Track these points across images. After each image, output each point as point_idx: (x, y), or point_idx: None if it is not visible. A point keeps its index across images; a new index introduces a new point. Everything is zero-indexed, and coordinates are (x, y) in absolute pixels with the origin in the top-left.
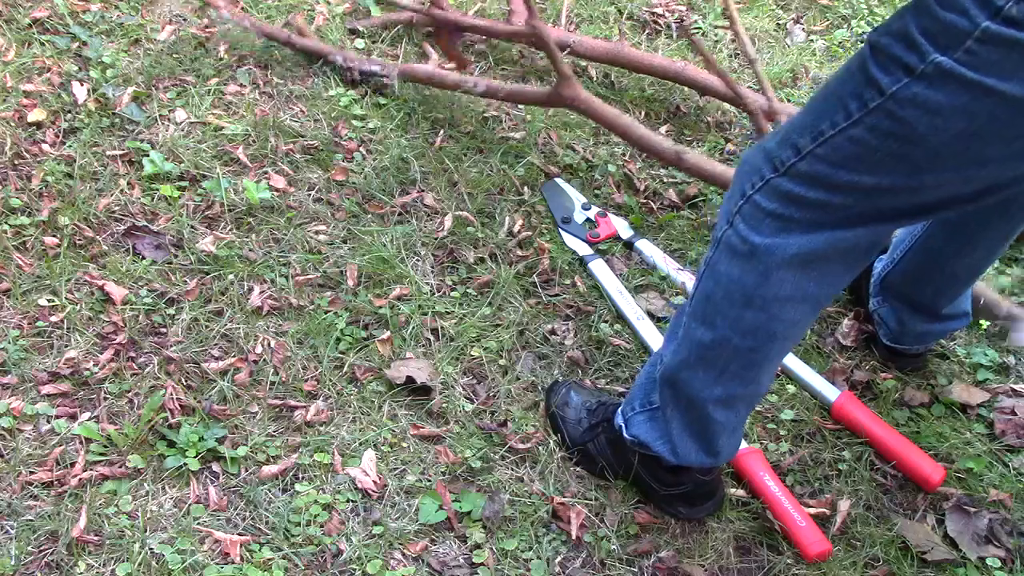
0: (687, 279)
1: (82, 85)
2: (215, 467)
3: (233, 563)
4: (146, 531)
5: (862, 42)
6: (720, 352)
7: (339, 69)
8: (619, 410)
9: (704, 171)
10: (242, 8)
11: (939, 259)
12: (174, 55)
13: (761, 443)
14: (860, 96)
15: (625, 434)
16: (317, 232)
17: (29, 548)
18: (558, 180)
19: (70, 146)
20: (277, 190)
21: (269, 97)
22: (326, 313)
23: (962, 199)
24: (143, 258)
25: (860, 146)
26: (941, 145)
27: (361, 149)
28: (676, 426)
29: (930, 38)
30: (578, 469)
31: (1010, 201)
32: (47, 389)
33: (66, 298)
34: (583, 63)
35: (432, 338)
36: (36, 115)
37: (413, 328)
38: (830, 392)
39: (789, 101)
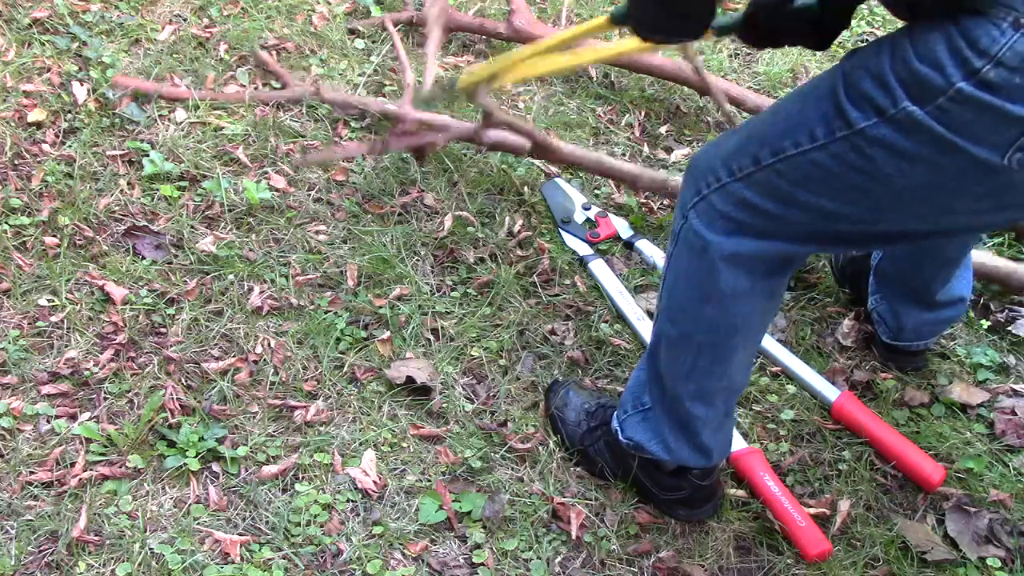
0: None
1: (82, 85)
2: (215, 467)
3: (233, 563)
4: (146, 531)
5: (862, 42)
6: (687, 347)
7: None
8: (615, 414)
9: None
10: (242, 8)
11: (930, 247)
12: (174, 55)
13: (761, 443)
14: (828, 123)
15: (621, 437)
16: (317, 232)
17: (29, 548)
18: (558, 180)
19: (70, 146)
20: (277, 190)
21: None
22: (326, 313)
23: (920, 236)
24: (143, 258)
25: (822, 171)
26: (906, 190)
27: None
28: (666, 424)
29: (904, 87)
30: (578, 469)
31: None
32: (47, 389)
33: (66, 298)
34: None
35: (432, 338)
36: (36, 115)
37: (413, 328)
38: (830, 392)
39: None
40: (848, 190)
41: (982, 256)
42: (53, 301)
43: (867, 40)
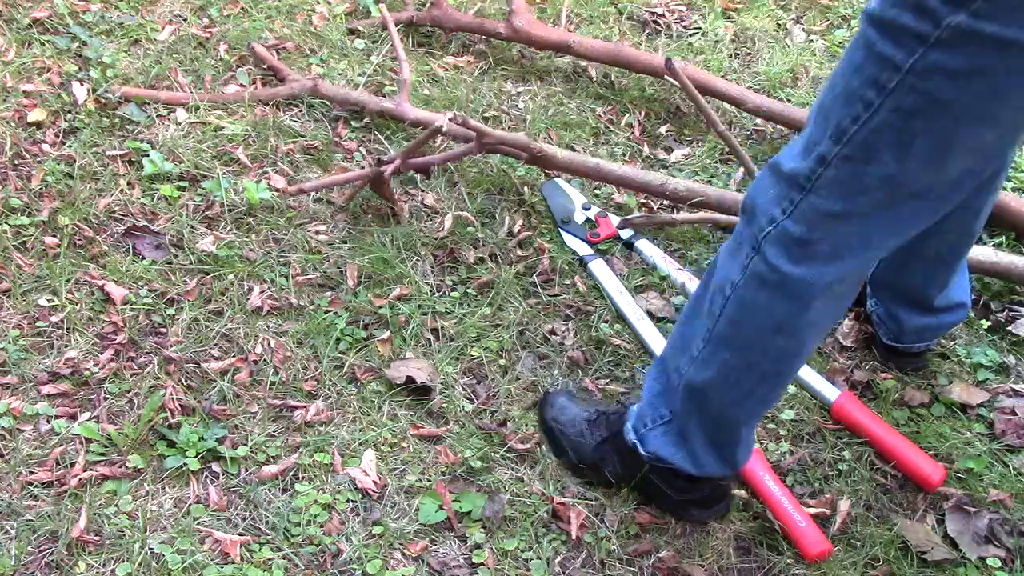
0: (687, 279)
1: (82, 85)
2: (215, 467)
3: (233, 563)
4: (146, 531)
5: None
6: (749, 375)
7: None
8: (628, 426)
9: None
10: (242, 8)
11: (916, 244)
12: (174, 55)
13: (761, 443)
14: (876, 81)
15: (641, 451)
16: (317, 232)
17: (29, 548)
18: (558, 180)
19: (70, 146)
20: (277, 190)
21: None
22: (326, 313)
23: (992, 158)
24: (143, 258)
25: (887, 135)
26: (968, 112)
27: (361, 149)
28: (699, 439)
29: None
30: None
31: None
32: (47, 389)
33: (66, 298)
34: (583, 63)
35: (432, 338)
36: (36, 115)
37: (413, 328)
38: (830, 392)
39: (789, 101)
40: (914, 141)
41: (982, 252)
42: (53, 301)
43: None
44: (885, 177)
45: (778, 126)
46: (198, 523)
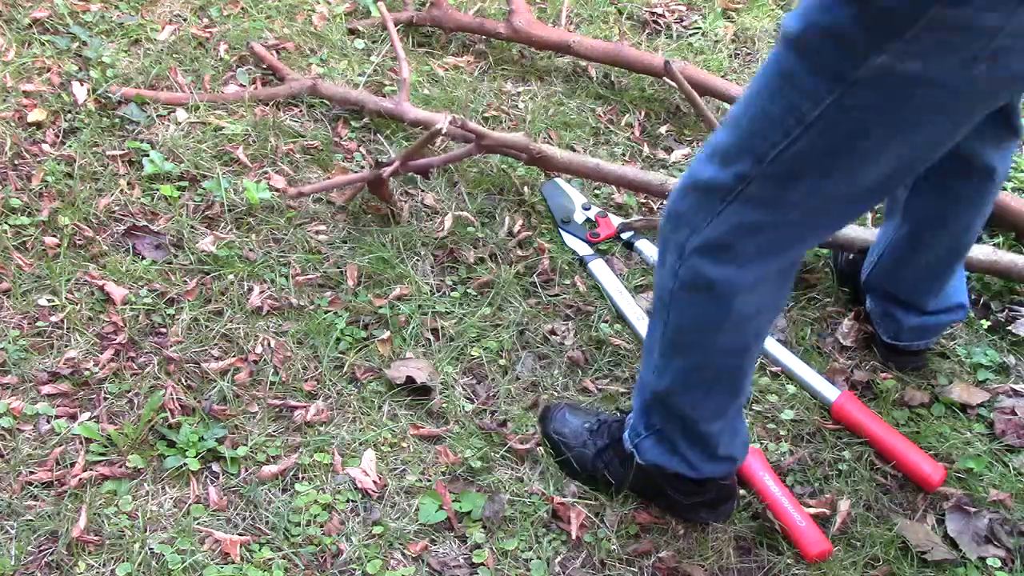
0: None
1: (82, 85)
2: (215, 467)
3: (233, 563)
4: (146, 531)
5: None
6: (703, 375)
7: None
8: (626, 435)
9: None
10: (242, 8)
11: (909, 253)
12: (174, 55)
13: (761, 443)
14: (796, 110)
15: (640, 460)
16: (317, 232)
17: (29, 548)
18: (558, 180)
19: (70, 146)
20: (277, 190)
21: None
22: (326, 313)
23: (905, 172)
24: (143, 258)
25: (807, 159)
26: (884, 136)
27: (361, 149)
28: (683, 444)
29: (866, 29)
30: None
31: (961, 189)
32: (47, 389)
33: (66, 298)
34: (583, 63)
35: (432, 338)
36: (36, 115)
37: (413, 328)
38: (830, 392)
39: None
40: (836, 163)
41: (982, 251)
42: (53, 301)
43: None
44: (807, 192)
45: None
46: (198, 523)
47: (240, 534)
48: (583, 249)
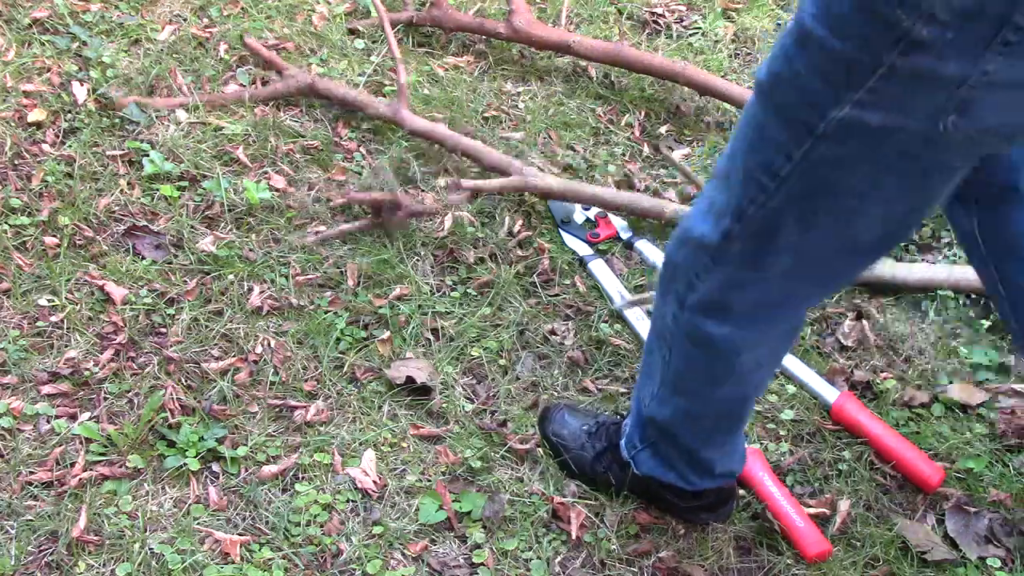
0: None
1: (82, 85)
2: (215, 467)
3: (233, 563)
4: (146, 531)
5: None
6: (704, 419)
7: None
8: (623, 443)
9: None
10: (242, 8)
11: None
12: (174, 55)
13: (761, 443)
14: (769, 167)
15: (636, 471)
16: (317, 232)
17: (29, 548)
18: None
19: (70, 146)
20: (277, 190)
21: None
22: (326, 313)
23: (902, 235)
24: (143, 258)
25: (786, 214)
26: (861, 190)
27: (361, 149)
28: (681, 462)
29: (823, 80)
30: None
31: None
32: (47, 389)
33: (66, 298)
34: (583, 63)
35: (432, 338)
36: (36, 115)
37: (413, 328)
38: (830, 393)
39: None
40: (817, 219)
41: None
42: (53, 301)
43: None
44: (792, 249)
45: None
46: (198, 523)
47: (240, 534)
48: (583, 249)
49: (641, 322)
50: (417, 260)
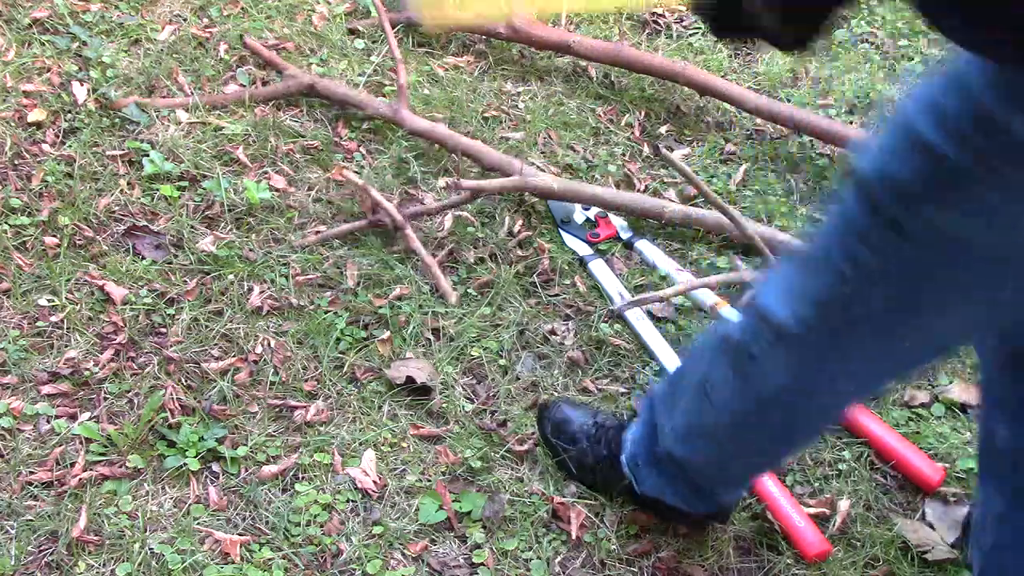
0: (687, 279)
1: (82, 85)
2: (215, 467)
3: (233, 563)
4: (146, 531)
5: (861, 41)
6: (741, 453)
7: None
8: (624, 457)
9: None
10: (242, 8)
11: None
12: (174, 55)
13: None
14: (854, 255)
15: (637, 490)
16: (317, 232)
17: (29, 548)
18: None
19: (70, 146)
20: (277, 190)
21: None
22: (326, 313)
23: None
24: (143, 258)
25: (863, 308)
26: (948, 297)
27: (361, 149)
28: (687, 489)
29: (929, 185)
30: None
31: None
32: (47, 389)
33: (66, 298)
34: (583, 63)
35: (432, 338)
36: (36, 115)
37: (413, 328)
38: None
39: (789, 101)
40: (889, 310)
41: None
42: (53, 301)
43: (868, 41)
44: (863, 343)
45: (778, 126)
46: (198, 523)
47: (240, 534)
48: (583, 249)
49: (641, 322)
50: (417, 260)
